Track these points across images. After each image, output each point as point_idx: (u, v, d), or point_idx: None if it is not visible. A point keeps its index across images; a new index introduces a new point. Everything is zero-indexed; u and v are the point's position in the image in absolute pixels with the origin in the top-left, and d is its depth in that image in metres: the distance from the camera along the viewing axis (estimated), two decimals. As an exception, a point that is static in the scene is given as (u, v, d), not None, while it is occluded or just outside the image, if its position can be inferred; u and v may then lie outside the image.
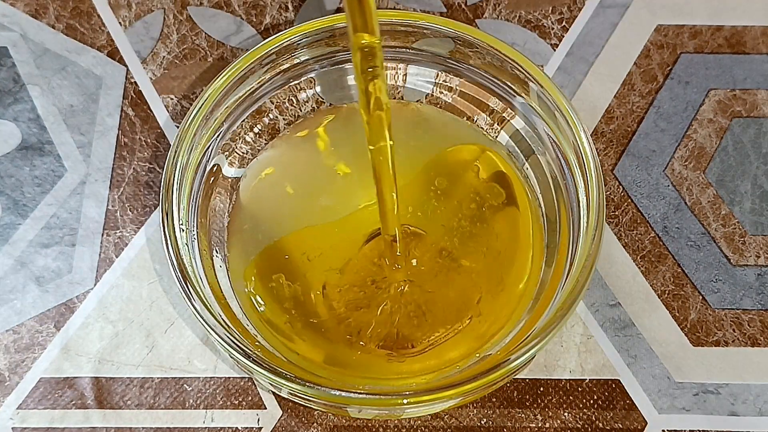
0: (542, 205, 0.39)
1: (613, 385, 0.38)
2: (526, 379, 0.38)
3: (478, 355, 0.36)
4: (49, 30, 0.45)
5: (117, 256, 0.41)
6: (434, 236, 0.38)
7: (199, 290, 0.34)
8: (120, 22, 0.45)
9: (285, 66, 0.40)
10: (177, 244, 0.35)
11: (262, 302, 0.37)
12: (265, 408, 0.38)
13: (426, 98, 0.41)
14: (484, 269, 0.38)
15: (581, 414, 0.38)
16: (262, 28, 0.45)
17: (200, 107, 0.37)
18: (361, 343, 0.36)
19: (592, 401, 0.38)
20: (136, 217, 0.41)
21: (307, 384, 0.33)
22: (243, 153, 0.40)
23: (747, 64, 0.44)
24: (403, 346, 0.37)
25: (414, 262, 0.38)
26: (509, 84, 0.39)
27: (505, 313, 0.37)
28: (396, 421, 0.38)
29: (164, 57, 0.44)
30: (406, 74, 0.41)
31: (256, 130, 0.40)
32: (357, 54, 0.31)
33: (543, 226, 0.38)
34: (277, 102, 0.41)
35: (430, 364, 0.36)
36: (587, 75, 0.44)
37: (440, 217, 0.38)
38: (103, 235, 0.41)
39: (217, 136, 0.39)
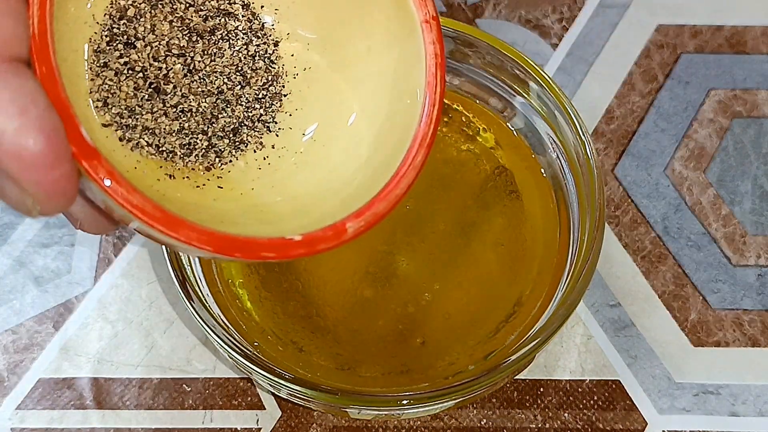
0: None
1: (614, 386, 0.38)
2: (526, 379, 0.38)
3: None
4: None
5: (116, 256, 0.40)
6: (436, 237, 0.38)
7: (198, 290, 0.34)
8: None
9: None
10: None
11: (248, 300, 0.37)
12: (265, 408, 0.38)
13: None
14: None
15: (581, 414, 0.38)
16: (262, 28, 0.45)
17: (199, 107, 0.37)
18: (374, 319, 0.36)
19: (592, 402, 0.38)
20: (135, 217, 0.41)
21: (307, 385, 0.33)
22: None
23: (747, 64, 0.44)
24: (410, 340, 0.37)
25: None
26: (509, 84, 0.39)
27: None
28: (396, 422, 0.37)
29: (163, 57, 0.44)
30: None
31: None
32: None
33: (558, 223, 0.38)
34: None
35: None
36: (587, 75, 0.44)
37: (443, 214, 0.38)
38: (102, 235, 0.41)
39: (217, 136, 0.39)
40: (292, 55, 0.30)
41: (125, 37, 0.28)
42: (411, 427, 0.37)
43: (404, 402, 0.33)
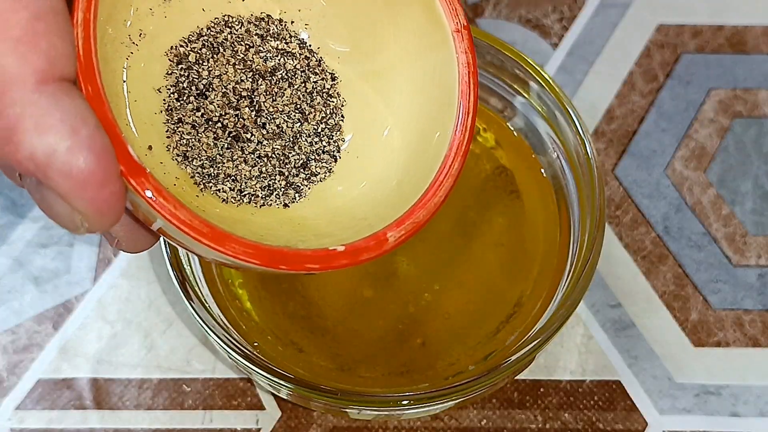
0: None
1: (614, 386, 0.38)
2: (526, 380, 0.38)
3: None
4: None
5: (115, 256, 0.40)
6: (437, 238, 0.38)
7: (197, 291, 0.34)
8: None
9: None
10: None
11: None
12: (264, 409, 0.38)
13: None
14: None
15: (582, 415, 0.38)
16: (262, 28, 0.45)
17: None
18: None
19: (592, 402, 0.38)
20: (134, 217, 0.41)
21: (307, 385, 0.33)
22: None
23: (748, 64, 0.44)
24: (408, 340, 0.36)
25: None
26: (509, 84, 0.39)
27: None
28: (396, 423, 0.37)
29: (163, 56, 0.44)
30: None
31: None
32: None
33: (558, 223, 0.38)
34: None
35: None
36: (588, 74, 0.44)
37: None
38: (101, 234, 0.41)
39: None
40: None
41: (194, 88, 0.28)
42: (411, 427, 0.37)
43: (404, 402, 0.33)
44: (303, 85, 0.30)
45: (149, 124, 0.28)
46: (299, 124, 0.30)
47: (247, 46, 0.29)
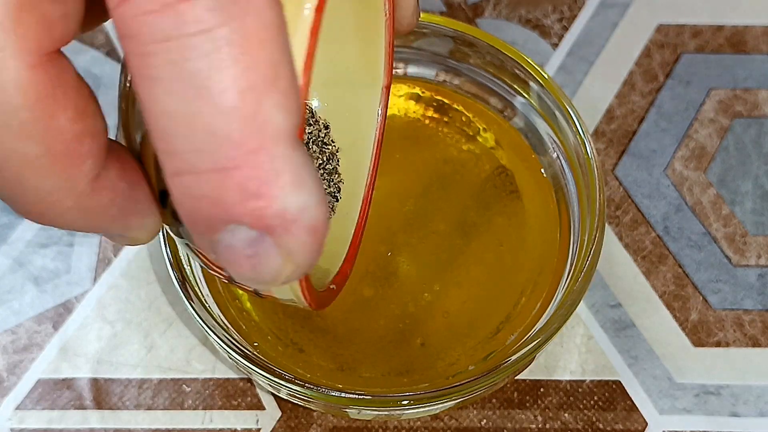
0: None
1: (614, 386, 0.38)
2: (526, 379, 0.38)
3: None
4: (47, 29, 0.45)
5: (115, 256, 0.40)
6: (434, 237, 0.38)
7: (197, 291, 0.34)
8: (119, 22, 0.45)
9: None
10: (175, 243, 0.35)
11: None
12: (264, 409, 0.38)
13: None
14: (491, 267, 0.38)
15: (581, 415, 0.38)
16: (262, 28, 0.45)
17: (199, 107, 0.37)
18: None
19: (592, 402, 0.38)
20: (134, 217, 0.41)
21: (306, 385, 0.33)
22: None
23: (748, 64, 0.44)
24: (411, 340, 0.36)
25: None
26: (509, 84, 0.39)
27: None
28: (396, 423, 0.37)
29: (163, 56, 0.44)
30: (405, 74, 0.41)
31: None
32: None
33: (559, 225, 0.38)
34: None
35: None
36: (588, 74, 0.44)
37: (441, 214, 0.38)
38: (101, 234, 0.41)
39: (216, 136, 0.39)
40: None
41: None
42: (411, 427, 0.37)
43: (404, 402, 0.33)
44: None
45: None
46: None
47: None
